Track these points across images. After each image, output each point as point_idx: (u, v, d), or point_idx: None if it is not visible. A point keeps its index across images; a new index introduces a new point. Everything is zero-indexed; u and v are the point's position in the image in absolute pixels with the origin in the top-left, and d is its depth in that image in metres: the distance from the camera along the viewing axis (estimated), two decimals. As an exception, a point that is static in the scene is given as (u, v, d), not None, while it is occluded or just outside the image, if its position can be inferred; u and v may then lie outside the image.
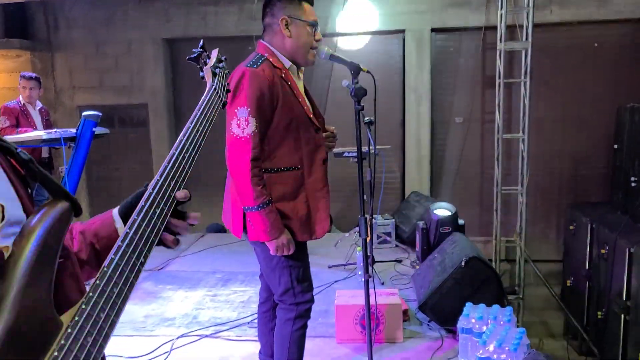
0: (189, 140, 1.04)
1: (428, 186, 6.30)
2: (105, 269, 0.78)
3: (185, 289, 4.02)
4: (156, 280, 4.20)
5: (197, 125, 1.09)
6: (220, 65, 1.37)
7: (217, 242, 5.19)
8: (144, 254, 0.85)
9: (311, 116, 2.27)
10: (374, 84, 2.31)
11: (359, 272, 4.06)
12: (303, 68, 2.33)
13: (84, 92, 6.62)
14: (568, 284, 5.77)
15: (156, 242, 0.90)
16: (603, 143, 5.86)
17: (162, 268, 4.47)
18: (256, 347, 3.04)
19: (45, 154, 5.06)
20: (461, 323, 2.77)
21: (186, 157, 1.00)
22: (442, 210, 4.38)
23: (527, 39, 5.19)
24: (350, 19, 6.05)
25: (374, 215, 4.91)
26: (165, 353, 2.99)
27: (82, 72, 6.59)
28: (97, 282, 0.76)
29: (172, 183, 0.95)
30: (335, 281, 4.07)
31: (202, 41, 1.43)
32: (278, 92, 2.13)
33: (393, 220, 5.00)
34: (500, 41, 5.26)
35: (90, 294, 0.75)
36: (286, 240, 2.20)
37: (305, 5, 2.22)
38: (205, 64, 1.38)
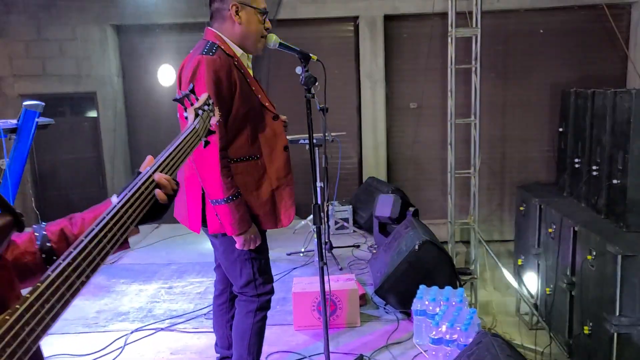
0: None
1: (385, 171, 6.37)
2: (49, 273, 0.77)
3: (140, 282, 3.94)
4: (109, 274, 4.10)
5: (169, 160, 1.12)
6: (206, 107, 1.41)
7: (172, 233, 5.10)
8: (88, 271, 0.84)
9: (267, 104, 2.24)
10: (324, 71, 2.33)
11: (317, 259, 4.08)
12: (251, 56, 2.30)
13: (25, 80, 6.32)
14: (520, 263, 5.98)
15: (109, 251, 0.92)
16: (550, 126, 6.07)
17: (114, 262, 4.36)
18: (213, 338, 3.03)
19: None
20: (415, 305, 2.83)
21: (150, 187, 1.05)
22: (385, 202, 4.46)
23: (476, 25, 5.28)
24: (302, 6, 6.00)
25: (331, 202, 4.96)
26: (119, 349, 2.92)
27: (23, 59, 6.29)
28: (39, 285, 0.75)
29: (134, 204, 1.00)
30: (294, 268, 4.08)
31: (192, 85, 1.46)
32: (235, 79, 2.09)
33: (351, 206, 5.04)
34: (451, 27, 5.33)
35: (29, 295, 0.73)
36: (254, 234, 2.18)
37: None
38: (192, 104, 1.41)
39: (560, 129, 5.51)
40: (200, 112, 1.38)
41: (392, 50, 6.20)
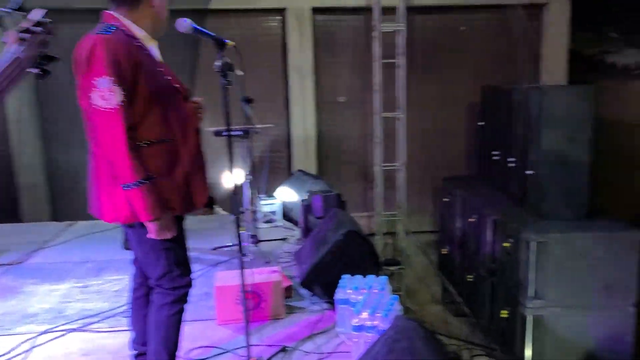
0: None
1: (315, 164, 6.38)
2: None
3: (51, 282, 3.70)
4: (16, 274, 3.83)
5: None
6: (38, 29, 1.19)
7: (89, 230, 4.84)
8: None
9: (177, 85, 2.19)
10: (242, 59, 2.29)
11: (246, 253, 4.02)
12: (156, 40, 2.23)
13: None
14: (444, 252, 6.17)
15: None
16: (472, 121, 6.29)
17: (22, 261, 4.08)
18: (129, 337, 2.90)
19: None
20: (338, 295, 2.84)
21: None
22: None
23: (401, 20, 5.39)
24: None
25: (259, 195, 4.89)
26: (25, 352, 2.73)
27: None
28: None
29: None
30: (219, 263, 3.99)
31: (21, 0, 1.26)
32: (137, 59, 2.00)
33: (278, 199, 5.00)
34: (376, 22, 5.40)
35: None
36: (169, 221, 2.10)
37: None
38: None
39: (481, 123, 5.73)
40: (27, 35, 1.18)
41: (321, 44, 6.21)
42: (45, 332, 2.97)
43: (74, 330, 3.00)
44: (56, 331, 2.98)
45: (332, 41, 6.27)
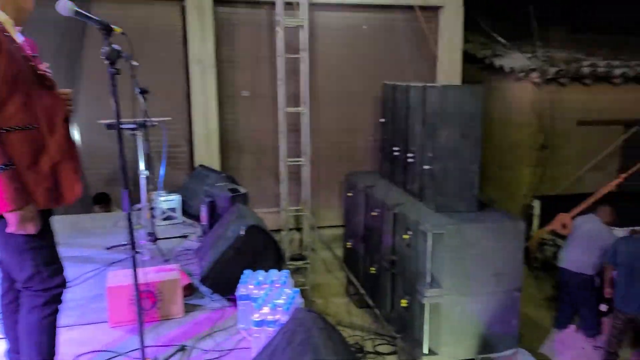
0: None
1: (218, 160, 6.24)
2: None
3: None
4: None
5: None
6: None
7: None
8: None
9: (41, 72, 2.06)
10: (131, 47, 2.19)
11: (143, 251, 3.83)
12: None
13: None
14: (348, 246, 6.31)
15: None
16: (375, 117, 6.47)
17: None
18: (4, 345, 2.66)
19: None
20: (240, 290, 2.79)
21: None
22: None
23: (304, 16, 5.41)
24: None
25: (157, 191, 4.70)
26: None
27: None
28: None
29: None
30: (113, 263, 3.78)
31: None
32: None
33: (179, 195, 4.83)
34: (279, 17, 5.38)
35: None
36: (32, 214, 1.94)
37: None
38: None
39: (383, 120, 5.91)
40: None
41: (223, 37, 6.07)
42: None
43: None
44: None
45: (235, 34, 6.16)
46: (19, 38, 2.07)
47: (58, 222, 4.88)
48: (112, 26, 2.13)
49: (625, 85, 7.45)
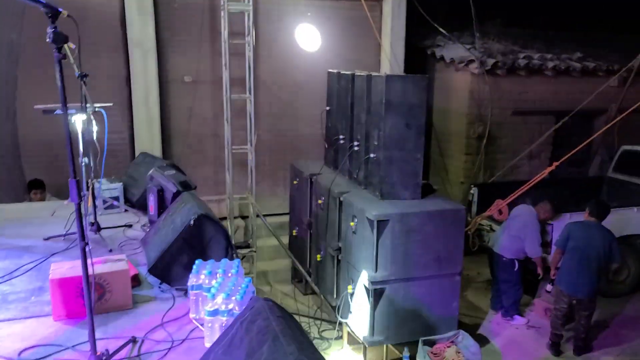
0: None
1: (160, 147, 6.09)
2: None
3: None
4: None
5: None
6: None
7: None
8: None
9: None
10: (77, 29, 2.09)
11: (88, 242, 3.69)
12: None
13: None
14: (294, 234, 6.35)
15: None
16: (321, 105, 6.51)
17: None
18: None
19: None
20: (191, 280, 2.75)
21: None
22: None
23: (249, 1, 5.34)
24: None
25: (98, 179, 4.52)
26: None
27: None
28: None
29: None
30: (53, 254, 3.62)
31: None
32: None
33: (121, 183, 4.68)
34: (223, 2, 5.29)
35: None
36: None
37: None
38: None
39: (327, 108, 5.95)
40: None
41: (164, 20, 5.89)
42: None
43: None
44: None
45: (176, 18, 5.99)
46: None
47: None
48: (59, 9, 2.02)
49: (557, 77, 7.88)
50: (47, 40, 2.02)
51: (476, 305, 6.24)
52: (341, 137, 5.57)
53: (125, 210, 4.59)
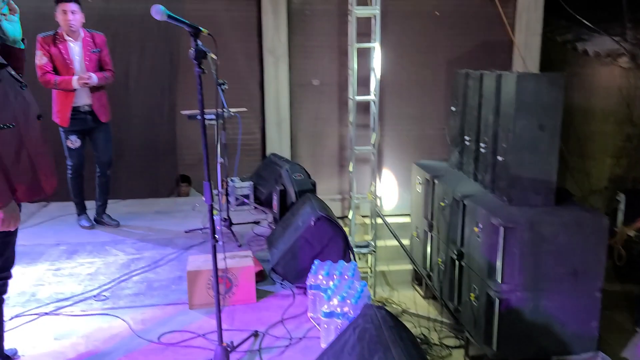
0: None
1: (289, 147, 6.38)
2: None
3: (23, 265, 3.67)
4: (-14, 257, 3.77)
5: None
6: None
7: (63, 211, 4.79)
8: None
9: (12, 72, 2.22)
10: (215, 46, 2.30)
11: (218, 236, 4.02)
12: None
13: None
14: (415, 235, 6.28)
15: None
16: (444, 105, 6.36)
17: (-7, 244, 4.01)
18: (103, 321, 2.91)
19: None
20: (309, 280, 2.88)
21: None
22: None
23: (376, 4, 5.37)
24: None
25: (231, 178, 4.89)
26: (-6, 337, 2.71)
27: None
28: None
29: None
30: (191, 246, 4.00)
31: None
32: None
33: (251, 182, 5.00)
34: (351, 6, 5.38)
35: None
36: (15, 211, 2.14)
37: None
38: None
39: (453, 108, 5.79)
40: None
41: (295, 27, 6.16)
42: (17, 315, 2.95)
43: (46, 314, 2.99)
44: (28, 315, 2.97)
45: (306, 24, 6.22)
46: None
47: (145, 205, 5.23)
48: (200, 28, 2.24)
49: None
50: (190, 57, 2.25)
51: (621, 325, 5.66)
52: (467, 138, 5.40)
53: (255, 208, 4.90)
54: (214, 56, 2.72)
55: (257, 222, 4.53)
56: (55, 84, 4.00)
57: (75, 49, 4.09)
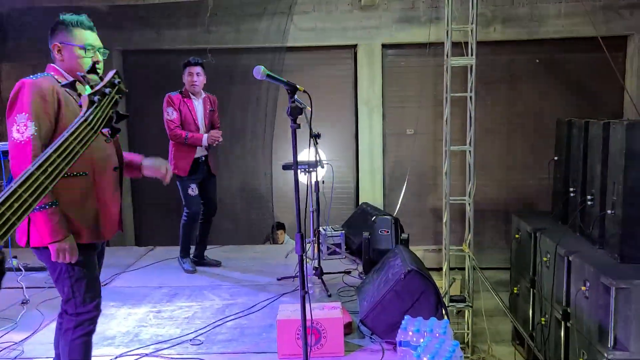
0: (47, 164, 1.17)
1: (381, 197, 6.39)
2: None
3: (129, 306, 3.93)
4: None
5: (55, 155, 1.17)
6: (107, 90, 1.31)
7: (167, 255, 5.11)
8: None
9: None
10: (310, 101, 2.43)
11: (309, 285, 4.07)
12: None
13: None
14: (515, 291, 5.93)
15: None
16: (546, 154, 6.07)
17: (106, 284, 4.36)
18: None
19: None
20: (399, 336, 2.81)
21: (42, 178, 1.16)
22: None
23: (472, 54, 5.35)
24: (302, 34, 6.11)
25: (324, 227, 4.96)
26: (101, 374, 2.91)
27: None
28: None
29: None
30: (283, 294, 4.06)
31: (92, 63, 1.42)
32: (59, 99, 2.26)
33: (343, 231, 5.04)
34: (447, 57, 5.40)
35: None
36: (69, 246, 2.26)
37: (76, 30, 2.40)
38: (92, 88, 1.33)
39: (556, 158, 5.52)
40: (96, 98, 1.26)
41: (389, 78, 6.28)
42: (121, 355, 3.15)
43: (146, 355, 3.16)
44: (131, 355, 3.16)
45: (400, 75, 6.34)
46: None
47: (241, 251, 5.44)
48: (297, 86, 2.40)
49: None
50: (287, 112, 2.41)
51: None
52: (571, 189, 5.10)
53: (345, 257, 4.91)
54: (309, 108, 2.86)
55: (347, 272, 4.53)
56: (186, 139, 4.37)
57: (198, 107, 4.49)
